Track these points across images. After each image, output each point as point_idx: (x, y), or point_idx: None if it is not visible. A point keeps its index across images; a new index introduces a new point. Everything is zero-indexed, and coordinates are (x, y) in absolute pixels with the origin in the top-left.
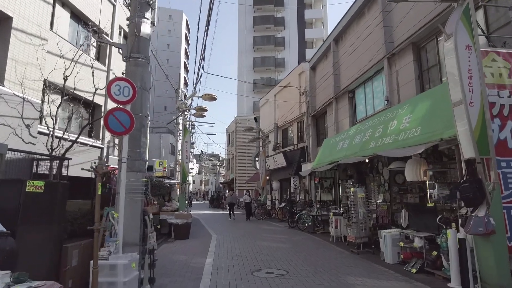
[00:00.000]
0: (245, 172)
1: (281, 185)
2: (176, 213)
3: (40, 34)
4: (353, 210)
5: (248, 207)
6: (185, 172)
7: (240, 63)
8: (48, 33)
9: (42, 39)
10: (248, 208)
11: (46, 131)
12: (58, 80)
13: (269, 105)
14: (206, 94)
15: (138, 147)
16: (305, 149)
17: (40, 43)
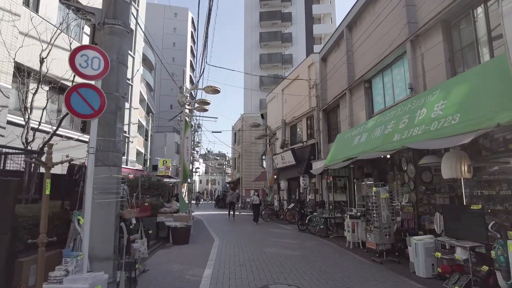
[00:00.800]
0: (252, 171)
1: (290, 184)
2: (175, 215)
3: (10, 8)
4: (375, 213)
5: (256, 209)
6: (185, 170)
7: (246, 60)
8: (20, 9)
9: (13, 14)
10: (257, 210)
11: (28, 123)
12: (36, 65)
13: (277, 100)
14: (209, 86)
15: (113, 135)
16: (316, 146)
17: (10, 18)
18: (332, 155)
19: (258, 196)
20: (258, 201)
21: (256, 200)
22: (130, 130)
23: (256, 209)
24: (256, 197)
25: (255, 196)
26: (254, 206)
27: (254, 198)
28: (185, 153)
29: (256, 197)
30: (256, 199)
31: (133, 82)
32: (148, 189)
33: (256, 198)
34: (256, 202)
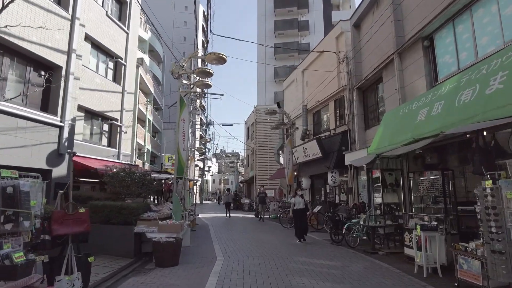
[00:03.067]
0: (267, 169)
1: (313, 182)
2: (161, 224)
3: None
4: (493, 225)
5: (300, 217)
6: (181, 163)
7: (260, 49)
8: None
9: None
10: (300, 219)
11: None
12: None
13: (296, 84)
14: (212, 53)
15: None
16: (348, 134)
17: None
18: (381, 139)
19: (302, 197)
20: (303, 205)
21: (299, 203)
22: (123, 118)
23: (300, 217)
24: (300, 199)
25: (298, 198)
26: (296, 214)
27: (297, 200)
28: (181, 140)
29: (300, 198)
30: (300, 201)
31: (126, 62)
32: (128, 187)
33: (300, 200)
34: (300, 206)
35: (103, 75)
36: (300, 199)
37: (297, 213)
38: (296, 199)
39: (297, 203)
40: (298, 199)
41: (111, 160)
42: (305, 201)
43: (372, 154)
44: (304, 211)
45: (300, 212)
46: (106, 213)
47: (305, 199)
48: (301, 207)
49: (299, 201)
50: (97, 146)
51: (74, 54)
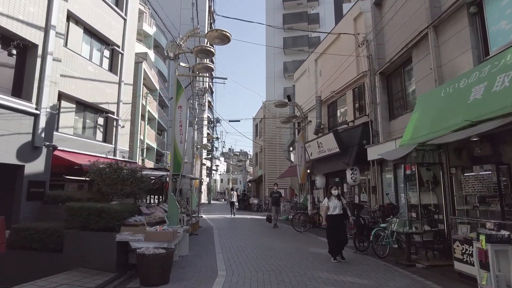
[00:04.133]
0: (276, 167)
1: (328, 181)
2: (148, 232)
3: None
4: None
5: (337, 228)
6: (178, 157)
7: (269, 43)
8: None
9: None
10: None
11: None
12: None
13: (308, 75)
14: (214, 30)
15: None
16: (369, 126)
17: None
18: (417, 127)
19: (339, 199)
20: (341, 209)
21: (336, 207)
22: (120, 111)
23: (337, 226)
24: (336, 202)
25: (334, 200)
26: (332, 222)
27: (332, 203)
28: (177, 131)
29: (337, 200)
30: (336, 204)
31: (123, 50)
32: (114, 185)
33: (337, 204)
34: (337, 211)
35: (98, 64)
36: (336, 202)
37: (334, 221)
38: (331, 201)
39: (333, 207)
40: (334, 201)
41: (102, 156)
42: (343, 204)
43: (407, 146)
44: (343, 217)
45: (338, 219)
46: (84, 217)
47: (343, 201)
48: (338, 212)
49: (335, 204)
50: (90, 141)
51: (53, 32)
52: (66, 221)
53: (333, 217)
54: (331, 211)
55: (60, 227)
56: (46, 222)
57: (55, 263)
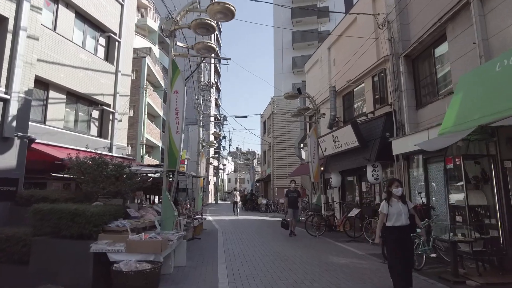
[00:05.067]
0: (286, 165)
1: (344, 179)
2: (130, 240)
3: None
4: None
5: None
6: (173, 150)
7: (276, 40)
8: None
9: None
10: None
11: None
12: None
13: (320, 65)
14: (216, 2)
15: None
16: (393, 116)
17: None
18: (462, 111)
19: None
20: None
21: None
22: (116, 103)
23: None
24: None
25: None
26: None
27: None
28: (173, 119)
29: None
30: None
31: (120, 38)
32: (96, 182)
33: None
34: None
35: (92, 52)
36: (400, 206)
37: (397, 236)
38: (394, 205)
39: (396, 214)
40: (398, 205)
41: (108, 153)
42: (410, 209)
43: (453, 134)
44: (410, 230)
45: (404, 233)
46: (54, 221)
47: (409, 205)
48: (404, 222)
49: (399, 209)
50: (83, 135)
51: (28, 3)
52: (33, 226)
53: (397, 230)
54: (393, 221)
55: (28, 233)
56: (14, 227)
57: (19, 278)
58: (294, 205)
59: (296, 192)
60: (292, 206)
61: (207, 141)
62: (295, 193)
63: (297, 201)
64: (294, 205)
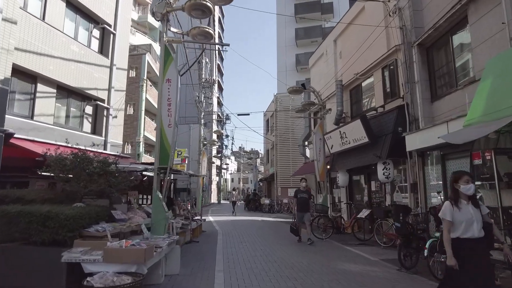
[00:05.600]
0: (289, 164)
1: (351, 178)
2: (108, 248)
3: None
4: None
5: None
6: (165, 145)
7: (279, 37)
8: None
9: None
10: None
11: None
12: None
13: (325, 58)
14: None
15: None
16: (406, 110)
17: None
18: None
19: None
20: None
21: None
22: (111, 98)
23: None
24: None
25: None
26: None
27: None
28: (165, 111)
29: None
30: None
31: (115, 30)
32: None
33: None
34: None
35: (85, 44)
36: (471, 211)
37: (470, 253)
38: (463, 209)
39: (463, 221)
40: (468, 210)
41: (104, 151)
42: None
43: (483, 124)
44: (487, 245)
45: (478, 248)
46: (23, 225)
47: (483, 210)
48: (477, 234)
49: (470, 215)
50: (75, 132)
51: None
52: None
53: (467, 243)
54: (461, 232)
55: None
56: None
57: None
58: (305, 208)
59: (306, 193)
60: (303, 209)
61: (209, 139)
62: (306, 193)
63: (308, 203)
64: (305, 207)
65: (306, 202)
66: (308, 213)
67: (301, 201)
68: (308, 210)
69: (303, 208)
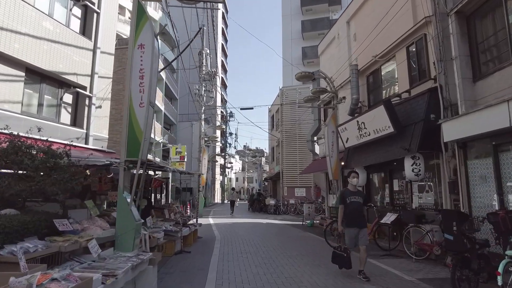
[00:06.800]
0: (296, 162)
1: (370, 177)
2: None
3: None
4: None
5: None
6: (134, 130)
7: (285, 29)
8: None
9: None
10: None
11: None
12: None
13: (337, 43)
14: None
15: None
16: (439, 93)
17: None
18: None
19: None
20: None
21: None
22: (94, 86)
23: None
24: None
25: None
26: None
27: None
28: (136, 85)
29: None
30: None
31: (100, 9)
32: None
33: None
34: None
35: (63, 23)
36: None
37: None
38: None
39: None
40: None
41: (84, 146)
42: None
43: None
44: None
45: None
46: None
47: None
48: None
49: None
50: (49, 123)
51: None
52: None
53: None
54: None
55: None
56: None
57: None
58: (360, 221)
59: (360, 195)
60: (356, 222)
61: (210, 135)
62: (360, 195)
63: (364, 212)
64: (360, 220)
65: (360, 211)
66: (365, 229)
67: (354, 208)
68: (365, 225)
69: (356, 220)
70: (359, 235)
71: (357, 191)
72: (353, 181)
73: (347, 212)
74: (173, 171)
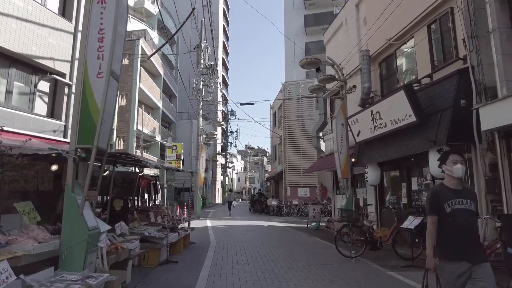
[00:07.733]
0: (299, 160)
1: (384, 175)
2: None
3: None
4: None
5: None
6: (89, 107)
7: (287, 23)
8: None
9: None
10: None
11: None
12: None
13: (345, 29)
14: None
15: None
16: (472, 74)
17: None
18: None
19: None
20: None
21: None
22: (74, 73)
23: None
24: None
25: None
26: None
27: None
28: (93, 50)
29: None
30: None
31: None
32: None
33: None
34: None
35: (37, 1)
36: None
37: None
38: None
39: None
40: None
41: (62, 139)
42: None
43: None
44: None
45: None
46: None
47: None
48: None
49: None
50: (20, 113)
51: None
52: None
53: None
54: None
55: None
56: None
57: None
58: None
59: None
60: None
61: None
62: (471, 199)
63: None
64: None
65: (473, 229)
66: (486, 266)
67: (461, 223)
68: (485, 257)
69: (466, 246)
70: (474, 276)
71: (463, 189)
72: (457, 170)
73: (447, 231)
74: (155, 167)
